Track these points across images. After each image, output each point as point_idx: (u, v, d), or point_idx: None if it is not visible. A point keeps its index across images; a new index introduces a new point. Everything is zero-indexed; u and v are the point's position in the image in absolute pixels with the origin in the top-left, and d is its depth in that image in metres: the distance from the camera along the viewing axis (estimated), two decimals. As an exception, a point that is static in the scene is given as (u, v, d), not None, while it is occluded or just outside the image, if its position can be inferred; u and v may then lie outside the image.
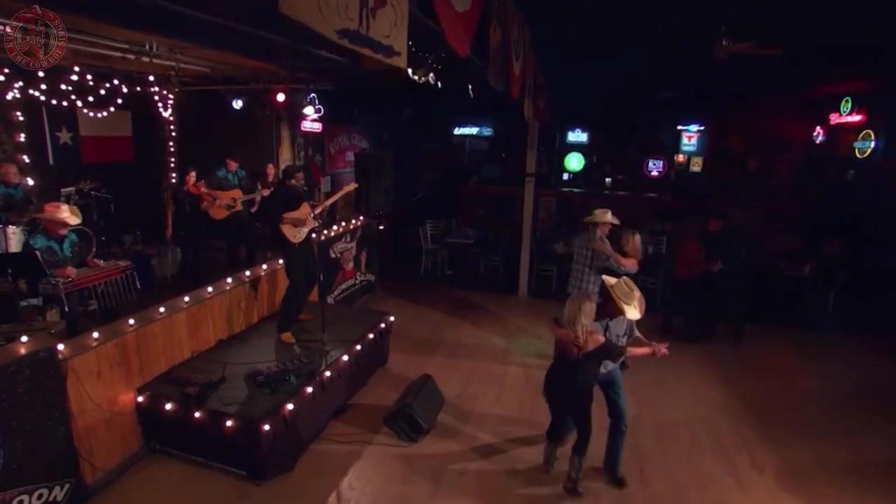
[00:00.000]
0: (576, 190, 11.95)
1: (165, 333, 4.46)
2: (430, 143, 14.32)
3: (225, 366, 4.48)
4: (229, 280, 5.37)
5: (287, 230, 5.03)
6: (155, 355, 4.36)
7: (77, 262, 4.84)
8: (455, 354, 6.40)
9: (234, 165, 7.19)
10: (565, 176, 14.00)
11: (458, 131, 14.82)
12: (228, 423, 3.83)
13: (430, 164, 13.98)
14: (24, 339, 3.39)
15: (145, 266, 6.58)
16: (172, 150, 9.00)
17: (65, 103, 6.75)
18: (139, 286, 5.20)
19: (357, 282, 7.90)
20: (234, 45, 5.71)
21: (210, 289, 5.06)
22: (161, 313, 4.46)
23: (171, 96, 8.59)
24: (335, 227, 7.42)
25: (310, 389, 4.39)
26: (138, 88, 7.07)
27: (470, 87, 5.98)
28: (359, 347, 5.23)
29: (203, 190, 6.63)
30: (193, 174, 6.48)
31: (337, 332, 5.21)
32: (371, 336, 5.52)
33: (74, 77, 6.35)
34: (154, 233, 7.72)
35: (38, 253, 4.26)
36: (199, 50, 5.85)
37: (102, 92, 7.00)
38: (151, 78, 7.10)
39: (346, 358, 4.97)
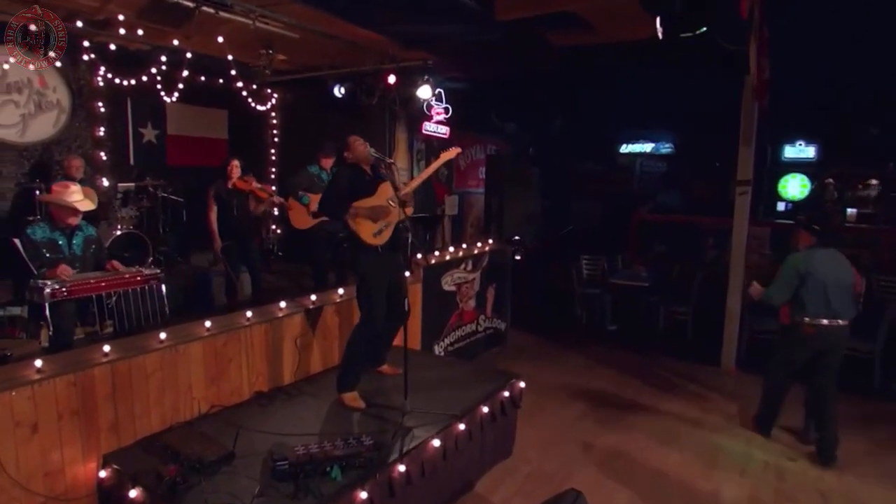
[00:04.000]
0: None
1: (165, 373, 3.28)
2: (587, 164, 13.08)
3: (238, 433, 3.09)
4: (282, 305, 4.17)
5: (361, 226, 3.69)
6: (143, 405, 3.17)
7: (90, 264, 3.99)
8: (622, 455, 4.37)
9: (329, 162, 6.24)
10: (780, 206, 11.74)
11: (625, 149, 13.26)
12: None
13: (588, 188, 12.75)
14: None
15: (206, 287, 5.76)
16: (274, 157, 8.68)
17: (154, 96, 6.53)
18: (167, 303, 4.17)
19: (479, 328, 6.43)
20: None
21: (249, 314, 3.88)
22: (161, 341, 3.29)
23: (272, 93, 8.30)
24: (450, 250, 6.08)
25: (364, 495, 2.79)
26: (232, 82, 6.65)
27: (659, 21, 4.20)
28: (463, 427, 3.55)
29: (255, 185, 5.63)
30: (237, 164, 5.52)
31: (433, 399, 3.67)
32: (487, 410, 3.84)
33: (163, 65, 6.06)
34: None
35: (20, 242, 3.38)
36: (284, 4, 5.08)
37: (194, 83, 6.76)
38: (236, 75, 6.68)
39: (438, 443, 3.31)
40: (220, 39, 5.27)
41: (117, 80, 6.24)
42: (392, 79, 6.71)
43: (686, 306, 7.49)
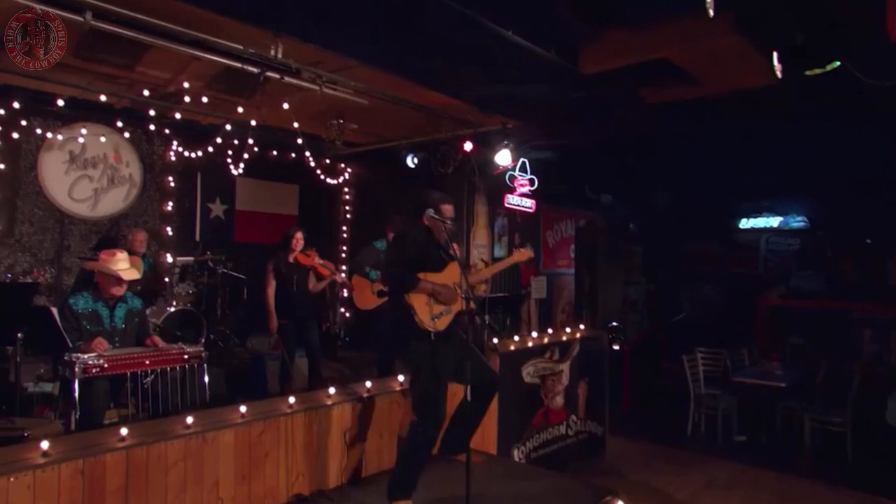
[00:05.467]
0: None
1: (189, 465, 3.12)
2: (700, 242, 12.38)
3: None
4: (331, 391, 4.00)
5: (417, 303, 3.46)
6: (159, 502, 2.96)
7: (131, 339, 4.06)
8: None
9: None
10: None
11: (746, 224, 12.42)
12: None
13: (703, 270, 12.10)
14: None
15: (260, 372, 5.73)
16: (345, 234, 8.89)
17: (224, 171, 6.98)
18: (207, 387, 4.11)
19: (570, 432, 5.93)
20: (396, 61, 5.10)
21: (292, 400, 3.72)
22: (187, 427, 3.16)
23: (345, 167, 8.63)
24: (533, 335, 5.77)
25: None
26: (303, 155, 7.01)
27: (776, 57, 3.88)
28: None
29: (318, 261, 5.64)
30: (301, 236, 5.56)
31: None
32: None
33: (234, 139, 6.50)
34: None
35: (59, 311, 3.48)
36: (352, 69, 5.32)
37: (264, 157, 7.19)
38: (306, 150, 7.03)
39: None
40: (286, 106, 5.54)
41: (189, 155, 6.75)
42: (468, 146, 6.76)
43: (841, 416, 6.54)
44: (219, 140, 5.89)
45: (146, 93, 5.43)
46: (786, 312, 9.29)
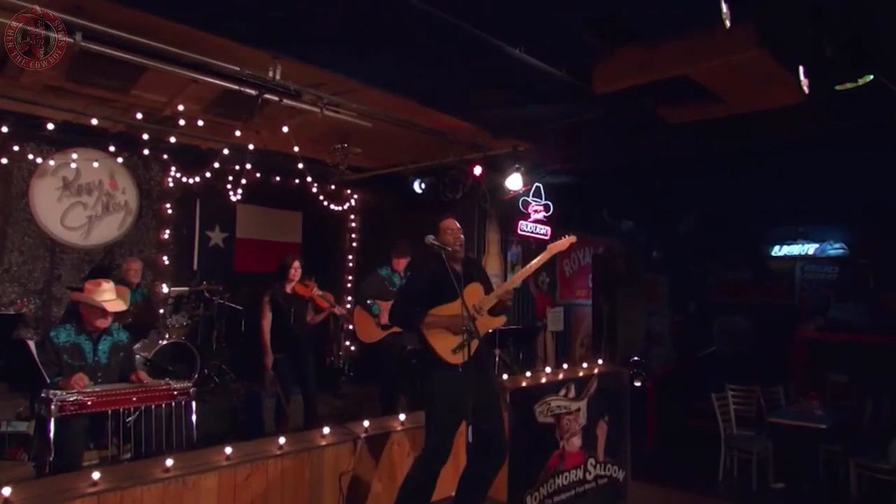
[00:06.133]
0: None
1: None
2: (730, 270, 12.22)
3: None
4: (325, 431, 3.90)
5: (436, 340, 3.51)
6: (134, 555, 2.88)
7: (115, 374, 4.03)
8: None
9: (403, 263, 6.24)
10: None
11: (779, 251, 12.22)
12: None
13: (733, 301, 11.90)
14: None
15: (255, 409, 5.67)
16: (351, 263, 8.90)
17: (224, 197, 7.02)
18: (194, 426, 4.03)
19: (588, 476, 5.69)
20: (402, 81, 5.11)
21: (282, 441, 3.63)
22: (166, 470, 3.07)
23: (351, 193, 8.66)
24: (547, 371, 5.67)
25: None
26: (307, 181, 7.05)
27: (802, 72, 3.79)
28: None
29: (316, 292, 5.58)
30: (298, 266, 5.54)
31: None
32: None
33: (234, 165, 6.55)
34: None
35: (35, 345, 3.45)
36: (355, 91, 5.35)
37: (266, 183, 7.21)
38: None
39: None
40: (286, 129, 5.57)
41: (187, 181, 6.82)
42: (478, 170, 6.78)
43: (890, 462, 6.29)
44: (217, 165, 5.92)
45: (139, 116, 5.49)
46: (825, 346, 9.10)
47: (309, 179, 7.09)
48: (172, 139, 5.94)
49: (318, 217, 8.54)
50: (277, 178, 7.84)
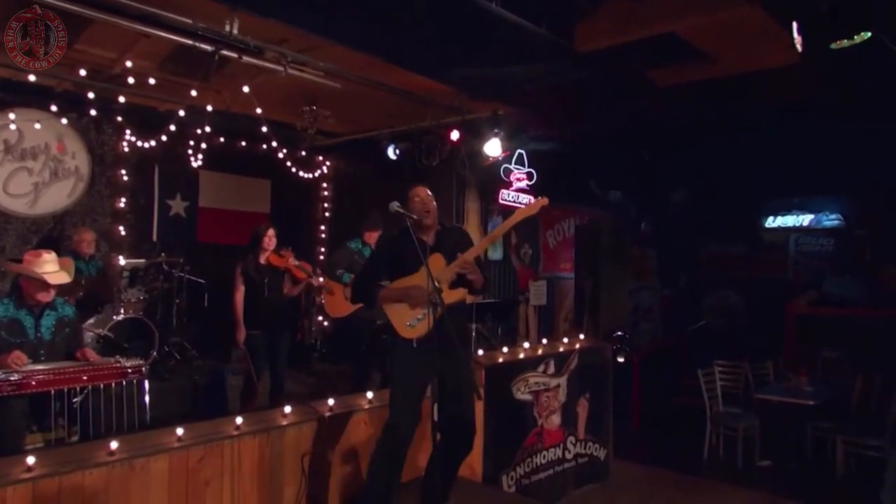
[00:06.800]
0: None
1: (114, 497, 2.98)
2: (721, 242, 12.43)
3: None
4: (287, 410, 3.89)
5: (390, 310, 3.53)
6: (76, 543, 2.84)
7: (60, 352, 3.96)
8: None
9: (374, 236, 6.18)
10: None
11: (773, 223, 12.44)
12: None
13: (724, 274, 12.09)
14: None
15: (219, 388, 5.65)
16: (324, 234, 8.84)
17: (185, 164, 6.91)
18: (147, 406, 4.00)
19: (568, 455, 5.83)
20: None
21: (239, 421, 3.60)
22: (111, 453, 3.03)
23: (323, 159, 8.57)
24: (525, 346, 5.75)
25: None
26: (276, 147, 6.94)
27: (795, 28, 3.73)
28: None
29: (293, 262, 5.51)
30: (273, 234, 5.44)
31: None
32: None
33: (196, 129, 6.41)
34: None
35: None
36: (321, 48, 5.23)
37: (232, 148, 7.08)
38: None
39: None
40: (246, 89, 5.44)
41: (144, 145, 6.66)
42: (455, 135, 6.74)
43: (878, 439, 6.43)
44: (174, 128, 5.77)
45: (83, 73, 5.30)
46: (817, 321, 9.21)
47: (276, 145, 6.95)
48: (122, 98, 5.76)
49: (287, 185, 8.44)
50: (243, 144, 7.71)
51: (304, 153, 8.37)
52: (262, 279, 5.46)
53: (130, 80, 5.24)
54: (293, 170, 8.10)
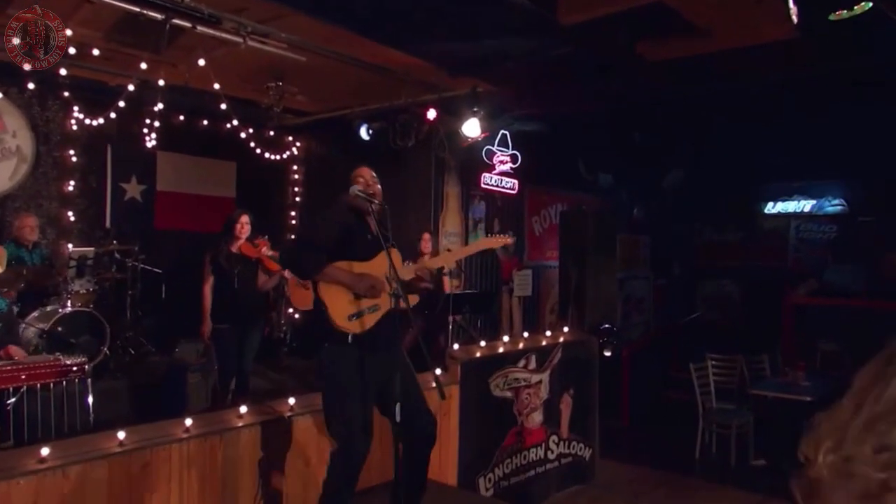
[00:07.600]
0: None
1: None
2: (718, 231, 12.62)
3: None
4: (242, 410, 3.81)
5: (333, 298, 3.32)
6: (-1, 558, 2.76)
7: None
8: None
9: None
10: None
11: (772, 208, 12.60)
12: None
13: (720, 263, 12.29)
14: None
15: (177, 387, 5.61)
16: (294, 221, 8.80)
17: (141, 144, 6.81)
18: (91, 408, 3.91)
19: (551, 455, 5.88)
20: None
21: (188, 423, 3.52)
22: (42, 460, 2.95)
23: (293, 140, 8.49)
24: (504, 340, 5.69)
25: None
26: (241, 126, 6.84)
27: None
28: None
29: (266, 252, 5.44)
30: (247, 221, 5.36)
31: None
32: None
33: (154, 106, 6.30)
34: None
35: None
36: (284, 18, 5.14)
37: (193, 128, 6.96)
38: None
39: None
40: (202, 62, 5.32)
41: (94, 123, 6.55)
42: (432, 114, 6.73)
43: None
44: (123, 104, 5.64)
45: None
46: (817, 312, 9.32)
47: (239, 123, 6.87)
48: (64, 71, 5.59)
49: (255, 167, 8.40)
50: (205, 122, 7.63)
51: (271, 133, 8.33)
52: (233, 270, 5.37)
53: (72, 51, 5.08)
54: (260, 151, 8.05)
